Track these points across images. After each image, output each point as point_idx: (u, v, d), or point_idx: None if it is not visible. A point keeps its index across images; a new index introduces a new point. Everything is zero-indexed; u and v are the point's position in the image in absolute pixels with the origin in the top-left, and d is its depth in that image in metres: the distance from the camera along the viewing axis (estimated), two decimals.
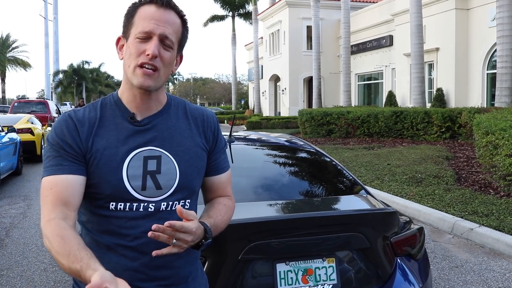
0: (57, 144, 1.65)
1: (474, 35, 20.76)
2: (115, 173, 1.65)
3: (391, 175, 10.21)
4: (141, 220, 1.67)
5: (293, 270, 2.54)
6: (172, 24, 1.68)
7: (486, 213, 6.98)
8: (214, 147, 1.88)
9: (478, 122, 10.27)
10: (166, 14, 1.67)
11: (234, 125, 3.82)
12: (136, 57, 1.65)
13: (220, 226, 1.80)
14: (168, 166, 1.71)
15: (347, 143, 17.34)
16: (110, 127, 1.70)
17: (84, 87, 59.38)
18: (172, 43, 1.68)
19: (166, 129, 1.75)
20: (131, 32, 1.68)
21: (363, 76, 32.31)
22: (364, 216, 2.83)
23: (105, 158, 1.65)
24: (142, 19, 1.66)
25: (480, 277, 5.21)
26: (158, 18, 1.65)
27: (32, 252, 6.11)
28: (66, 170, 1.63)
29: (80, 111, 1.74)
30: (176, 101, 1.86)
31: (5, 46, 62.28)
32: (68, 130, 1.67)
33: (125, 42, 1.72)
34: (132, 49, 1.66)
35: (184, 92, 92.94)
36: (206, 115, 1.88)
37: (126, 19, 1.72)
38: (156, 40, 1.64)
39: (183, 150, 1.75)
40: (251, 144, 4.21)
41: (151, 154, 1.70)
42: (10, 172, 12.09)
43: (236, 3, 47.54)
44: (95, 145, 1.66)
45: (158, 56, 1.63)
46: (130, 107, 1.73)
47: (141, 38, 1.65)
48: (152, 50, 1.62)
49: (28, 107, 22.43)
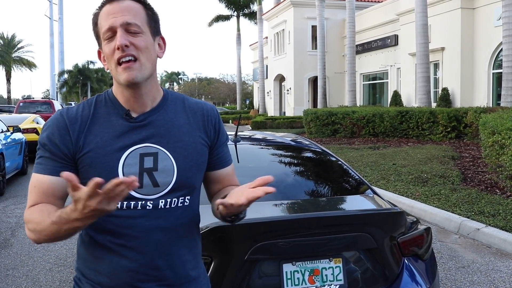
0: (45, 144, 1.65)
1: (480, 35, 20.68)
2: (110, 172, 1.62)
3: (397, 175, 10.18)
4: (139, 218, 1.65)
5: (299, 270, 2.52)
6: (130, 10, 1.64)
7: (493, 213, 6.94)
8: (216, 141, 1.85)
9: (484, 122, 10.23)
10: (120, 4, 1.64)
11: (239, 125, 3.81)
12: (111, 56, 1.63)
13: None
14: (165, 163, 1.68)
15: (352, 143, 17.31)
16: (104, 125, 1.68)
17: (89, 87, 59.54)
18: (138, 27, 1.64)
19: (162, 125, 1.72)
20: (101, 39, 1.67)
21: (368, 76, 32.25)
22: (371, 216, 2.81)
23: (100, 156, 1.63)
24: (102, 20, 1.64)
25: (487, 278, 5.18)
26: (114, 11, 1.63)
27: (37, 252, 6.12)
28: (49, 170, 1.63)
29: (74, 108, 1.72)
30: (174, 96, 1.82)
31: (10, 46, 62.53)
32: (58, 129, 1.65)
33: (102, 50, 1.71)
34: (106, 51, 1.64)
35: (189, 92, 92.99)
36: (206, 109, 1.84)
37: (94, 30, 1.71)
38: (121, 31, 1.61)
39: (181, 146, 1.72)
40: (257, 144, 4.20)
41: (148, 151, 1.67)
42: (15, 171, 12.13)
43: (241, 3, 47.56)
44: (89, 143, 1.64)
45: (129, 44, 1.60)
46: (125, 106, 1.71)
47: (108, 38, 1.63)
48: (119, 41, 1.59)
49: (33, 107, 22.50)
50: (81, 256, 1.77)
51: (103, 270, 1.68)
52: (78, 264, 1.78)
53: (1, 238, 6.80)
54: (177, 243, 1.72)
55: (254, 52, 51.40)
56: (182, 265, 1.75)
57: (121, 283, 1.67)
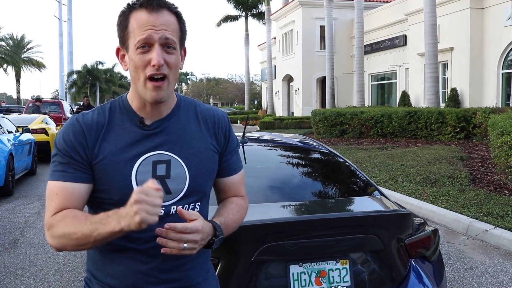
0: (64, 150, 1.65)
1: (489, 34, 20.57)
2: (124, 179, 1.64)
3: (405, 176, 10.15)
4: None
5: (306, 271, 2.53)
6: (169, 25, 1.63)
7: (502, 214, 6.91)
8: (225, 148, 1.85)
9: (493, 122, 10.18)
10: (160, 16, 1.61)
11: (247, 125, 3.81)
12: (142, 69, 1.61)
13: (231, 225, 1.78)
14: (177, 171, 1.69)
15: (360, 144, 17.27)
16: (118, 132, 1.68)
17: (98, 88, 59.67)
18: (174, 43, 1.64)
19: (175, 132, 1.73)
20: (130, 42, 1.64)
21: (376, 76, 32.18)
22: (378, 218, 2.80)
23: (114, 163, 1.63)
24: (137, 28, 1.61)
25: (495, 279, 5.16)
26: (153, 23, 1.60)
27: (46, 252, 6.15)
28: (70, 177, 1.63)
29: (89, 114, 1.71)
30: (187, 102, 1.83)
31: (20, 47, 62.80)
32: (74, 135, 1.65)
33: (125, 52, 1.68)
34: (136, 61, 1.62)
35: (197, 92, 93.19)
36: (217, 116, 1.85)
37: (120, 30, 1.67)
38: (158, 47, 1.60)
39: (193, 153, 1.73)
40: (264, 144, 4.20)
41: (160, 159, 1.68)
42: (24, 172, 12.19)
43: (249, 3, 47.58)
44: (103, 150, 1.65)
45: (164, 62, 1.60)
46: (139, 113, 1.71)
47: (141, 47, 1.60)
48: (157, 60, 1.58)
49: (42, 107, 22.58)
50: (91, 257, 1.78)
51: (113, 272, 1.70)
52: (88, 266, 1.80)
53: (10, 238, 6.85)
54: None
55: (262, 53, 51.44)
56: (192, 268, 1.76)
57: (131, 285, 1.69)
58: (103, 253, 1.72)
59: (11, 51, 61.06)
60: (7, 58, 59.85)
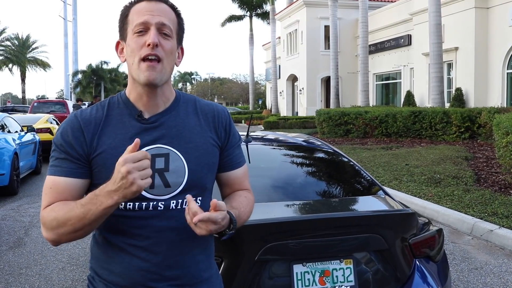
0: (60, 145, 1.67)
1: (494, 34, 20.50)
2: None
3: (410, 176, 10.12)
4: (151, 219, 1.67)
5: (310, 271, 2.52)
6: (167, 13, 1.69)
7: (507, 215, 6.88)
8: (226, 142, 1.85)
9: (498, 122, 10.14)
10: (158, 4, 1.68)
11: (251, 125, 3.81)
12: (138, 51, 1.64)
13: (243, 218, 1.78)
14: (176, 164, 1.69)
15: (365, 143, 17.25)
16: (117, 126, 1.70)
17: (102, 87, 59.77)
18: (170, 31, 1.68)
19: (174, 126, 1.73)
20: (128, 30, 1.68)
21: (381, 76, 32.11)
22: (382, 217, 2.79)
23: (112, 157, 1.63)
24: (135, 15, 1.67)
25: (500, 280, 5.14)
26: (152, 9, 1.66)
27: (50, 251, 6.16)
28: (64, 172, 1.65)
29: (88, 110, 1.74)
30: (186, 97, 1.84)
31: (25, 46, 63.05)
32: (72, 131, 1.67)
33: (124, 44, 1.72)
34: (132, 44, 1.66)
35: (202, 92, 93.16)
36: (217, 111, 1.85)
37: (121, 22, 1.73)
38: (154, 29, 1.64)
39: (192, 147, 1.73)
40: (269, 144, 4.20)
41: (159, 152, 1.68)
42: (29, 171, 12.23)
43: (253, 3, 47.59)
44: (102, 144, 1.66)
45: (159, 44, 1.63)
46: (137, 106, 1.73)
47: (139, 32, 1.65)
48: (152, 39, 1.62)
49: (47, 107, 22.65)
50: (94, 255, 1.79)
51: (116, 270, 1.70)
52: (92, 264, 1.80)
53: (15, 237, 6.86)
54: (189, 243, 1.73)
55: (266, 52, 51.40)
56: (195, 265, 1.76)
57: (134, 282, 1.68)
58: (105, 251, 1.73)
59: (17, 51, 61.32)
60: (13, 58, 60.12)
